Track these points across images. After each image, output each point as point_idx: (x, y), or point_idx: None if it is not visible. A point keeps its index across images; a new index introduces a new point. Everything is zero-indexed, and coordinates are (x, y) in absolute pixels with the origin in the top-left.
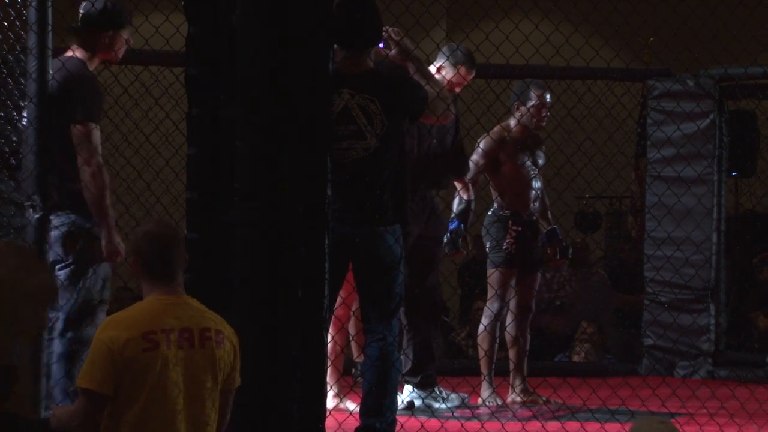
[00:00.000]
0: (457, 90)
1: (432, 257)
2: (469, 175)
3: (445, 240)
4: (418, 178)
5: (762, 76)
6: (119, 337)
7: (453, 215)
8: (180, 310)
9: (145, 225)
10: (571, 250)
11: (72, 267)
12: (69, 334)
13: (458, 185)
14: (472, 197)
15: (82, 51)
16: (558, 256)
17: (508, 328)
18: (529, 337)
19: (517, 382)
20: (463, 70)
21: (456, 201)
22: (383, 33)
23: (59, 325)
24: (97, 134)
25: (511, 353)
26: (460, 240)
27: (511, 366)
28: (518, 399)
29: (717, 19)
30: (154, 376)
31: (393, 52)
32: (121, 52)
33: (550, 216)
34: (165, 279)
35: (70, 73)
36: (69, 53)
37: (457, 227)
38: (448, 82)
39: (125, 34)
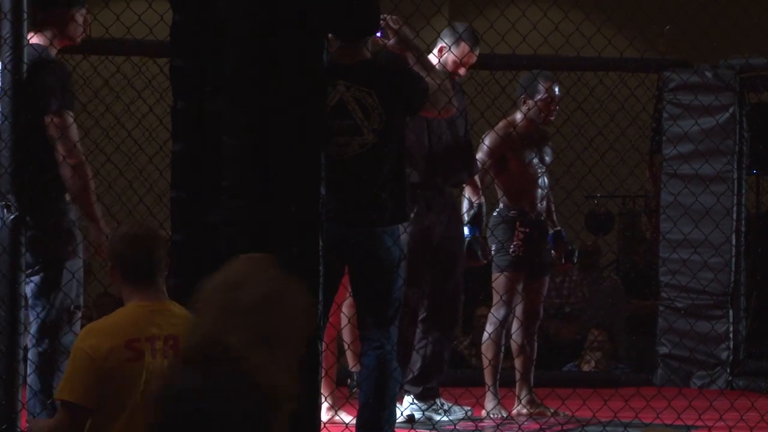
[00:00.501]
0: (462, 72)
1: (455, 258)
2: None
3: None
4: (436, 173)
5: None
6: (101, 345)
7: (466, 221)
8: (162, 317)
9: (123, 227)
10: (577, 254)
11: (46, 270)
12: (45, 343)
13: (466, 186)
14: (482, 199)
15: (41, 36)
16: (563, 261)
17: (514, 336)
18: (536, 345)
19: (524, 393)
20: (466, 47)
21: (465, 204)
22: (381, 21)
23: (34, 333)
24: (73, 123)
25: (517, 362)
26: (479, 249)
27: (517, 376)
28: (524, 411)
29: (738, 6)
30: (139, 388)
31: (391, 41)
32: (80, 31)
33: (555, 217)
34: (145, 284)
35: (36, 59)
36: (30, 40)
37: (474, 234)
38: (452, 63)
39: (84, 11)
